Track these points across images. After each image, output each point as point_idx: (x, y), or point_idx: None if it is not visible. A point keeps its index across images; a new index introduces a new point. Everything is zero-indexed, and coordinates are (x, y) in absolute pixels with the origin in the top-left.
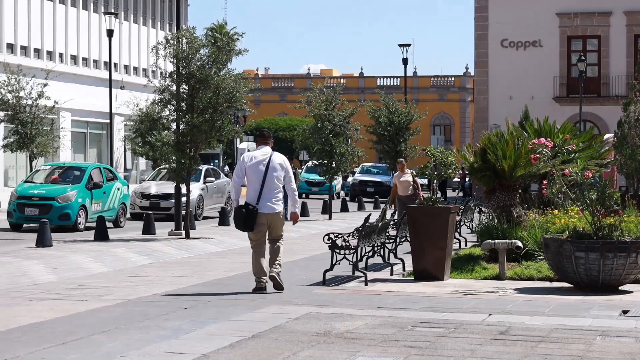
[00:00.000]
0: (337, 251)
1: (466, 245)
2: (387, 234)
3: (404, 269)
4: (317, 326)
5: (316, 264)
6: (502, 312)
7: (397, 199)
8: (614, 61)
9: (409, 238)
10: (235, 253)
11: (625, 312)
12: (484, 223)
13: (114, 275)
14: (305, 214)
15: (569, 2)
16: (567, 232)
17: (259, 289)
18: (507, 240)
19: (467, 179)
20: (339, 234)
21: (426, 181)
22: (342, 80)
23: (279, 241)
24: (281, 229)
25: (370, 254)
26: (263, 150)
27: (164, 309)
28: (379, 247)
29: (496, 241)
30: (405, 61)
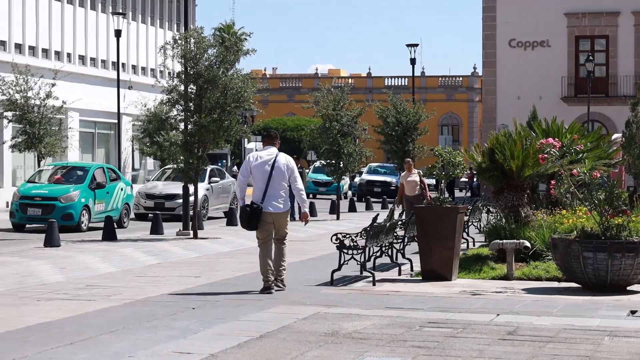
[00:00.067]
0: (345, 251)
1: (474, 245)
2: (395, 234)
3: (411, 269)
4: (325, 326)
5: (324, 264)
6: (510, 312)
7: (405, 199)
8: (622, 61)
9: (416, 238)
10: (243, 253)
11: (633, 312)
12: (491, 223)
13: (122, 275)
14: (313, 214)
15: (576, 2)
16: (575, 232)
17: (266, 289)
18: (515, 241)
19: (475, 179)
20: (347, 234)
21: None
22: (349, 80)
23: (284, 241)
24: (286, 228)
25: (378, 254)
26: (269, 151)
27: (172, 309)
28: (386, 247)
29: (504, 241)
30: (413, 61)
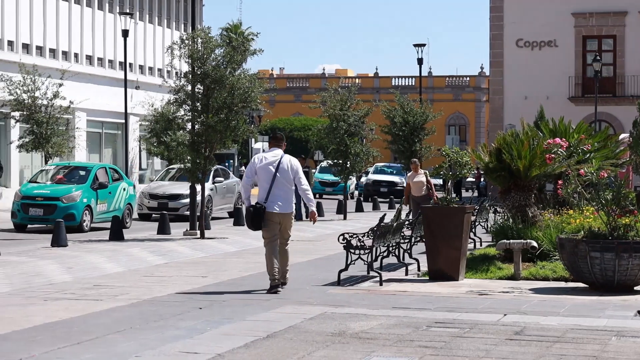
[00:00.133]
0: (352, 251)
1: (481, 245)
2: (402, 234)
3: (418, 269)
4: (332, 326)
5: (331, 264)
6: (517, 312)
7: (412, 199)
8: (629, 61)
9: (424, 238)
10: (250, 253)
11: None
12: (499, 223)
13: (129, 275)
14: (320, 214)
15: (584, 2)
16: (583, 232)
17: (273, 288)
18: (522, 241)
19: (482, 179)
20: (354, 234)
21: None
22: (357, 80)
23: (287, 244)
24: (290, 230)
25: (385, 254)
26: (274, 152)
27: (179, 308)
28: (393, 247)
29: (511, 241)
30: (420, 61)
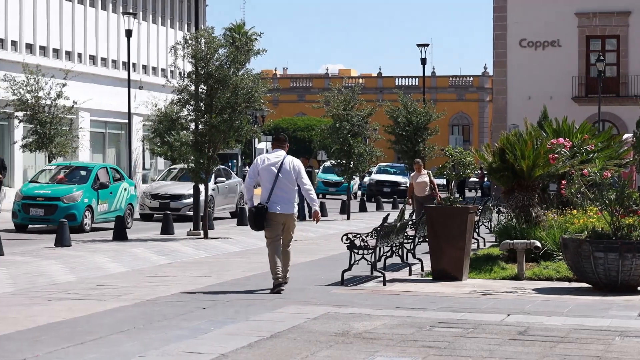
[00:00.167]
0: (356, 251)
1: (485, 245)
2: (406, 234)
3: (422, 269)
4: (336, 326)
5: (334, 264)
6: (521, 312)
7: (415, 199)
8: (633, 61)
9: (427, 238)
10: (253, 253)
11: None
12: (502, 223)
13: (132, 275)
14: (323, 214)
15: (587, 1)
16: (586, 232)
17: (276, 286)
18: (526, 241)
19: (485, 179)
20: (358, 234)
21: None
22: (360, 80)
23: (290, 245)
24: (293, 232)
25: (389, 254)
26: (277, 154)
27: (183, 308)
28: (397, 247)
29: (515, 241)
30: (423, 61)
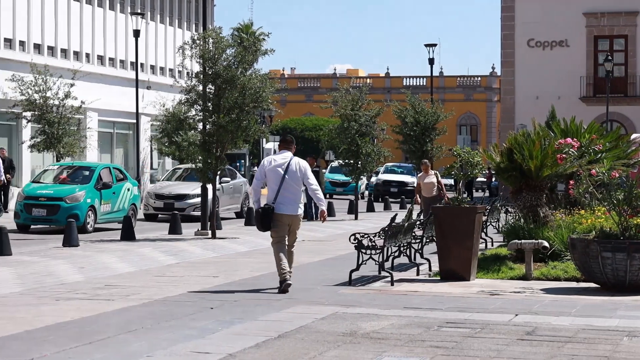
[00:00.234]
0: (363, 251)
1: (492, 245)
2: (413, 234)
3: (430, 269)
4: (343, 326)
5: (342, 264)
6: (529, 312)
7: (422, 200)
8: None
9: (435, 238)
10: (261, 253)
11: None
12: (510, 223)
13: (140, 275)
14: (331, 214)
15: (595, 2)
16: (594, 233)
17: (283, 282)
18: (534, 241)
19: (493, 179)
20: (365, 234)
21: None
22: (368, 80)
23: (294, 246)
24: (297, 233)
25: (397, 254)
26: (283, 155)
27: (191, 308)
28: (405, 247)
29: (523, 241)
30: (431, 61)
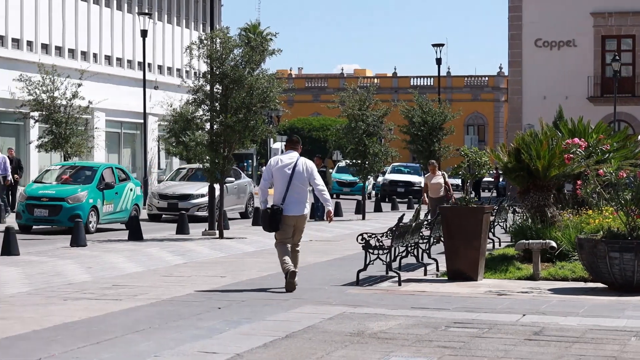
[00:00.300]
0: (371, 251)
1: (500, 245)
2: (421, 234)
3: (437, 269)
4: (351, 326)
5: (350, 264)
6: (536, 312)
7: (429, 200)
8: None
9: (442, 238)
10: (269, 253)
11: None
12: (517, 223)
13: (148, 275)
14: (338, 214)
15: (603, 1)
16: (602, 233)
17: (286, 274)
18: (541, 241)
19: (500, 179)
20: (373, 234)
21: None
22: (375, 80)
23: (299, 245)
24: (302, 233)
25: (404, 254)
26: (290, 155)
27: (198, 308)
28: (412, 247)
29: (530, 241)
30: (438, 61)
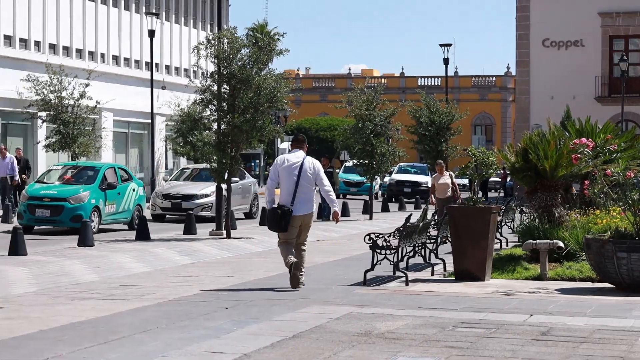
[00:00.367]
0: (378, 251)
1: (507, 245)
2: (428, 234)
3: (445, 269)
4: (358, 326)
5: (357, 264)
6: (544, 312)
7: (437, 200)
8: None
9: (450, 238)
10: (276, 253)
11: None
12: (525, 223)
13: (155, 275)
14: (346, 214)
15: (610, 1)
16: (609, 233)
17: (290, 268)
18: (549, 241)
19: (508, 179)
20: (380, 234)
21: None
22: (382, 80)
23: (304, 245)
24: (308, 231)
25: (411, 254)
26: (296, 154)
27: (205, 308)
28: (419, 247)
29: (537, 241)
30: (446, 61)
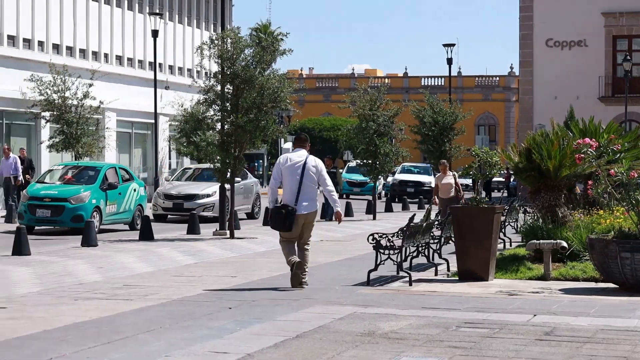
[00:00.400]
0: (382, 251)
1: (511, 245)
2: (432, 234)
3: (448, 269)
4: (362, 326)
5: (360, 264)
6: (547, 312)
7: (440, 201)
8: None
9: (453, 238)
10: (280, 253)
11: None
12: (528, 223)
13: (159, 275)
14: (349, 214)
15: (614, 1)
16: (613, 233)
17: (292, 267)
18: (552, 241)
19: (511, 179)
20: (383, 234)
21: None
22: (386, 80)
23: (307, 245)
24: (311, 231)
25: (415, 254)
26: (299, 153)
27: (209, 308)
28: (423, 247)
29: (541, 241)
30: (449, 61)
